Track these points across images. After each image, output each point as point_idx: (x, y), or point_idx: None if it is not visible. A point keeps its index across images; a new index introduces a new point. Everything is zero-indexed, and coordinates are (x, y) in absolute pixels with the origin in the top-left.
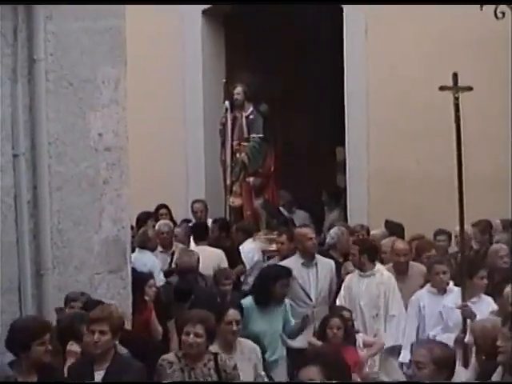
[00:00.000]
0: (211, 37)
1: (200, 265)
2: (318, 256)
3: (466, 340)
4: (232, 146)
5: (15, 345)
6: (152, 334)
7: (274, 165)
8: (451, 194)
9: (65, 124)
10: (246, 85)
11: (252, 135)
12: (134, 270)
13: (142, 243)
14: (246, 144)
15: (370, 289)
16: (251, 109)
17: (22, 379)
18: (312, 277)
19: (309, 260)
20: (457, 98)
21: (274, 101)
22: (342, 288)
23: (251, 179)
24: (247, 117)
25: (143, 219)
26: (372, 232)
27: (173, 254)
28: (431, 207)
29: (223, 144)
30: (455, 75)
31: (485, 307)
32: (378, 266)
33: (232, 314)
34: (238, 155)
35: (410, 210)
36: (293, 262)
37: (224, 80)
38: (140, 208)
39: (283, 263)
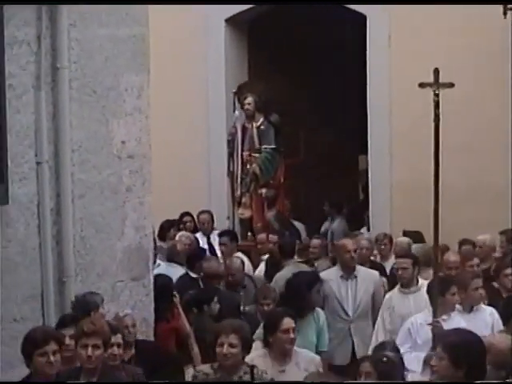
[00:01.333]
0: (234, 45)
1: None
2: (359, 268)
3: None
4: (242, 156)
5: (23, 355)
6: (178, 341)
7: (283, 176)
8: (472, 204)
9: (88, 132)
10: (256, 95)
11: (264, 146)
12: (160, 276)
13: (171, 256)
14: (257, 155)
15: (419, 305)
16: (262, 119)
17: None
18: (350, 290)
19: (348, 272)
20: (437, 95)
21: (297, 110)
22: (382, 309)
23: (263, 191)
24: (258, 127)
25: (166, 227)
26: (397, 239)
27: None
28: (452, 217)
29: (232, 155)
30: (436, 71)
31: (455, 325)
32: (421, 280)
33: (288, 321)
34: (248, 166)
35: (431, 220)
36: (331, 274)
37: (234, 90)
38: (162, 216)
39: (322, 275)
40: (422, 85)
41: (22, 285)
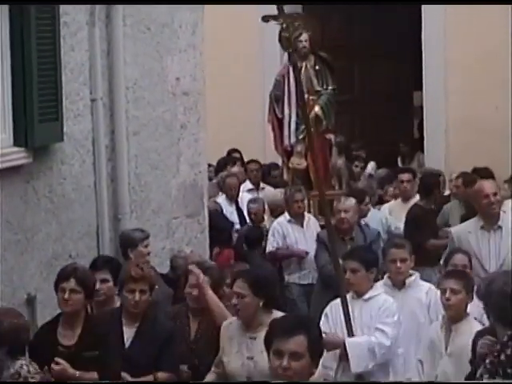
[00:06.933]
0: None
1: None
2: (506, 216)
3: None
4: (297, 99)
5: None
6: None
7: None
8: None
9: (142, 68)
10: (308, 32)
11: (323, 87)
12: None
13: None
14: (315, 98)
15: None
16: (313, 58)
17: (63, 331)
18: (493, 244)
19: (490, 223)
20: None
21: (351, 46)
22: None
23: (331, 136)
24: (313, 67)
25: (223, 164)
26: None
27: None
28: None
29: (280, 99)
30: None
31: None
32: None
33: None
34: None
35: (487, 158)
36: (470, 226)
37: (281, 23)
38: (217, 153)
39: (459, 227)
40: None
41: (78, 222)
